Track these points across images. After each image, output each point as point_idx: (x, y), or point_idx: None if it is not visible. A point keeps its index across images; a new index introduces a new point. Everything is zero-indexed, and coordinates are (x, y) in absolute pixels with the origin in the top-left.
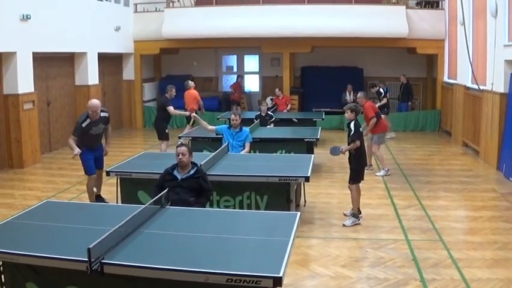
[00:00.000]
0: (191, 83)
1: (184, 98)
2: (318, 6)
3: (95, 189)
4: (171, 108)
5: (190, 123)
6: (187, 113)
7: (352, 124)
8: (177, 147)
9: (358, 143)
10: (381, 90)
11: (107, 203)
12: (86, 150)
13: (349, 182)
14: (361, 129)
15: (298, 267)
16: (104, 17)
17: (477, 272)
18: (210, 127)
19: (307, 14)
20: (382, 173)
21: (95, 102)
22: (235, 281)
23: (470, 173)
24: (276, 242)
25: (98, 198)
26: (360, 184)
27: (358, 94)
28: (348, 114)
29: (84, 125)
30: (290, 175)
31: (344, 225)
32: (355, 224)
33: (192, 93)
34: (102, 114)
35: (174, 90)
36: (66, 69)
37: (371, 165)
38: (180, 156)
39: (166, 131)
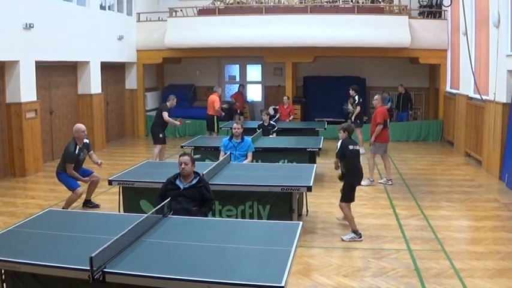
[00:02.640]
0: (216, 88)
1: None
2: (320, 16)
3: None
4: (165, 114)
5: (215, 130)
6: (177, 123)
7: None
8: (180, 156)
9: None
10: (356, 97)
11: (97, 206)
12: (66, 175)
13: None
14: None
15: (300, 277)
16: (107, 26)
17: (479, 282)
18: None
19: (309, 23)
20: (366, 182)
21: (81, 125)
22: None
23: (473, 183)
24: (278, 251)
25: (88, 202)
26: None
27: (376, 96)
28: (341, 135)
29: (76, 151)
30: (292, 185)
31: (342, 239)
32: (354, 241)
33: (211, 97)
34: (85, 141)
35: (175, 100)
36: (69, 78)
37: (390, 179)
38: (182, 166)
39: (160, 135)
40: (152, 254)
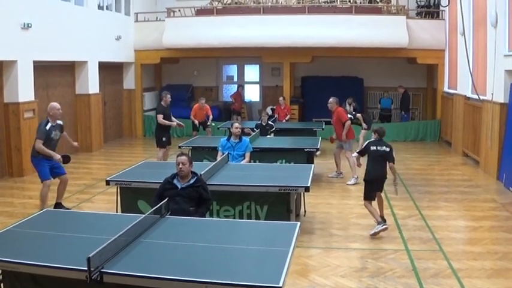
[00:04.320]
0: (201, 99)
1: None
2: (318, 17)
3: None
4: (159, 117)
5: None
6: (173, 124)
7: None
8: (177, 156)
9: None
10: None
11: (68, 209)
12: (42, 158)
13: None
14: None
15: (297, 277)
16: (105, 26)
17: (477, 282)
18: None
19: (307, 24)
20: (352, 181)
21: (55, 103)
22: None
23: (471, 183)
24: (275, 252)
25: (59, 205)
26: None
27: (330, 99)
28: (373, 136)
29: (47, 127)
30: (290, 185)
31: (371, 235)
32: (383, 228)
33: (194, 106)
34: (58, 121)
35: (168, 96)
36: (66, 78)
37: (341, 172)
38: (180, 166)
39: (164, 139)
40: (150, 255)
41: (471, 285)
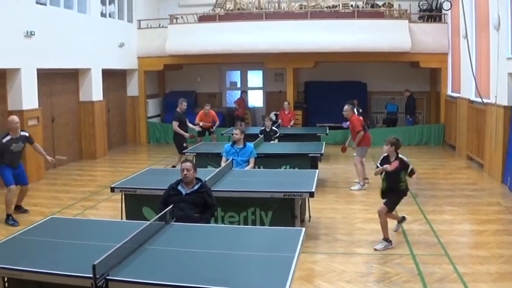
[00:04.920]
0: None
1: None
2: (320, 22)
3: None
4: (174, 125)
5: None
6: (186, 134)
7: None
8: (181, 163)
9: (361, 133)
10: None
11: (26, 211)
12: (6, 166)
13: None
14: (346, 143)
15: (303, 283)
16: (108, 33)
17: (483, 286)
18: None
19: (310, 29)
20: (357, 187)
21: (14, 117)
22: None
23: (475, 187)
24: (280, 258)
25: (19, 208)
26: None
27: (345, 107)
28: (386, 148)
29: (4, 140)
30: (295, 190)
31: (375, 249)
32: (388, 248)
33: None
34: (23, 133)
35: (183, 104)
36: (70, 85)
37: (364, 181)
38: (185, 172)
39: (184, 144)
40: (155, 261)
41: None
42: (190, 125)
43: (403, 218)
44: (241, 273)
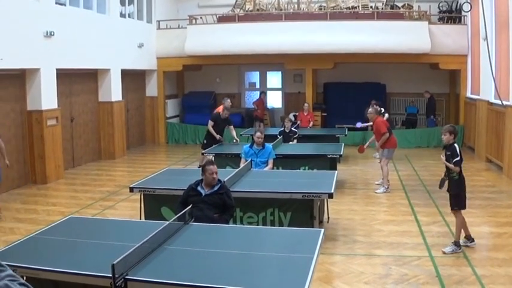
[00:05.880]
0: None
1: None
2: (340, 23)
3: None
4: (209, 124)
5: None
6: (216, 136)
7: (453, 147)
8: (206, 165)
9: (457, 168)
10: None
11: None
12: None
13: (451, 208)
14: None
15: (321, 284)
16: (127, 33)
17: None
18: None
19: (329, 30)
20: (382, 189)
21: None
22: None
23: (494, 189)
24: (299, 258)
25: None
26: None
27: (369, 109)
28: (446, 137)
29: None
30: (313, 191)
31: (444, 252)
32: (455, 252)
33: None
34: None
35: (226, 103)
36: (89, 85)
37: (388, 186)
38: (214, 175)
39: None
40: (174, 262)
41: None
42: (231, 127)
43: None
44: (259, 274)
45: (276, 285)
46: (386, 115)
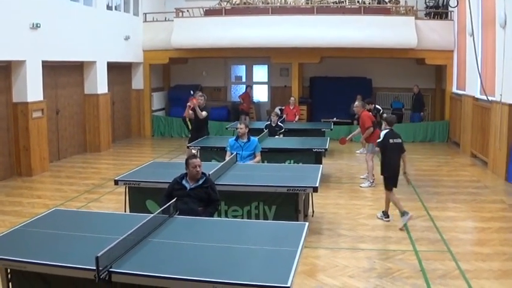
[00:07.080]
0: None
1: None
2: (327, 17)
3: None
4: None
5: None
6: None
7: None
8: (190, 159)
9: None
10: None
11: None
12: None
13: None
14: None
15: (305, 278)
16: (114, 26)
17: (485, 283)
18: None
19: (316, 24)
20: (367, 184)
21: None
22: None
23: (479, 184)
24: (284, 252)
25: None
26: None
27: (356, 103)
28: (383, 125)
29: None
30: (298, 185)
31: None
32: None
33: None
34: None
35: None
36: (75, 78)
37: (373, 180)
38: (197, 169)
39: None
40: (158, 254)
41: (479, 286)
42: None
43: (406, 213)
44: (244, 267)
45: (260, 278)
46: (385, 115)
